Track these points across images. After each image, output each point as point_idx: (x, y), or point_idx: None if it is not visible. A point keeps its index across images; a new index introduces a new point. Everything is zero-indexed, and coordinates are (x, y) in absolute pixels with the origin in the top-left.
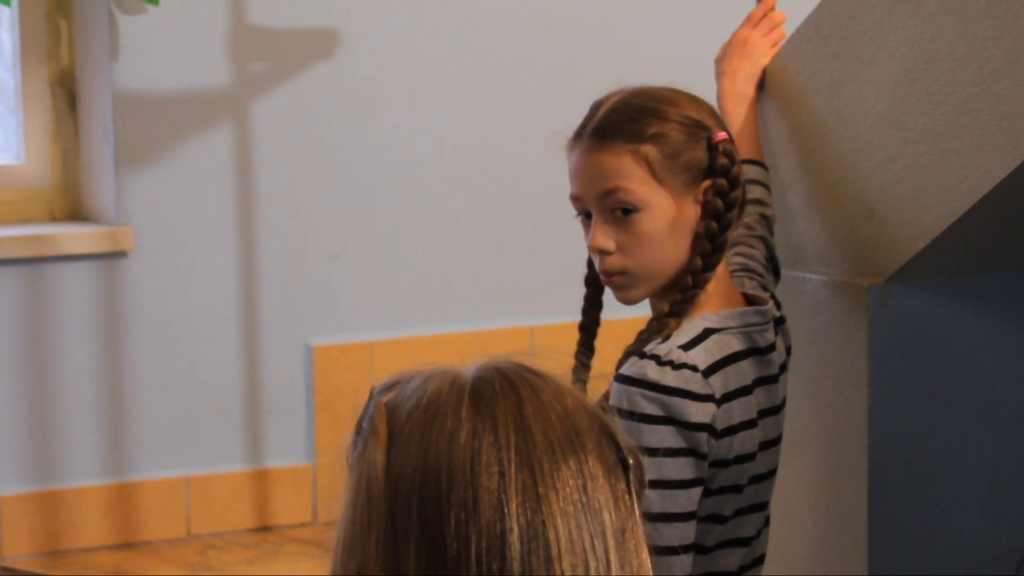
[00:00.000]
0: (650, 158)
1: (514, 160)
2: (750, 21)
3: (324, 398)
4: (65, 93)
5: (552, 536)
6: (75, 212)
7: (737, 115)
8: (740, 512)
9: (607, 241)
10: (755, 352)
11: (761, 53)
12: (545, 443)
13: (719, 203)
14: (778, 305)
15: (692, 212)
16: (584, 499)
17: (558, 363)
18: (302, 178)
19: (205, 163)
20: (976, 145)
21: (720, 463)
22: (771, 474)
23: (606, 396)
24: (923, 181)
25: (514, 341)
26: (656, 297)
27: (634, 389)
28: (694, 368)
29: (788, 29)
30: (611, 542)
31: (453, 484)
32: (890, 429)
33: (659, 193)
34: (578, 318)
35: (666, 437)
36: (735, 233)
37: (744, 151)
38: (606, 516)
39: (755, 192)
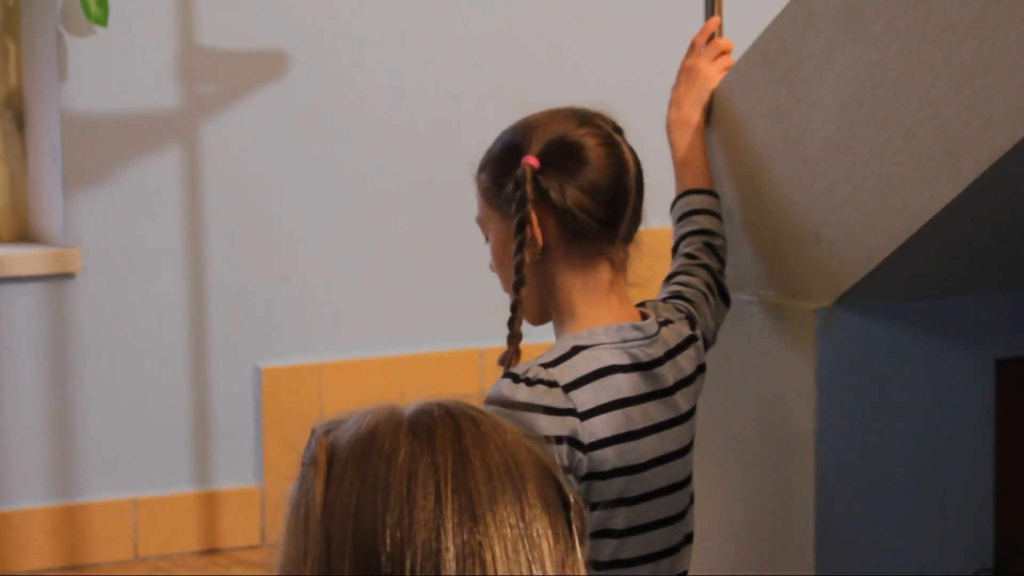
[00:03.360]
0: (481, 185)
1: (462, 183)
2: (694, 48)
3: (273, 420)
4: (13, 114)
5: (488, 557)
6: (23, 233)
7: (681, 143)
8: (640, 528)
9: (490, 261)
10: (637, 367)
11: (707, 78)
12: (483, 469)
13: (512, 224)
14: (692, 325)
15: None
16: (522, 524)
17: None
18: (251, 200)
19: (154, 185)
20: (922, 170)
21: (596, 475)
22: (675, 488)
23: None
24: (869, 205)
25: (463, 363)
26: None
27: (490, 407)
28: (552, 383)
29: (736, 53)
30: (550, 571)
31: (389, 503)
32: (837, 452)
33: (493, 218)
34: (526, 342)
35: None
36: (677, 264)
37: (691, 179)
38: (545, 545)
39: (702, 222)
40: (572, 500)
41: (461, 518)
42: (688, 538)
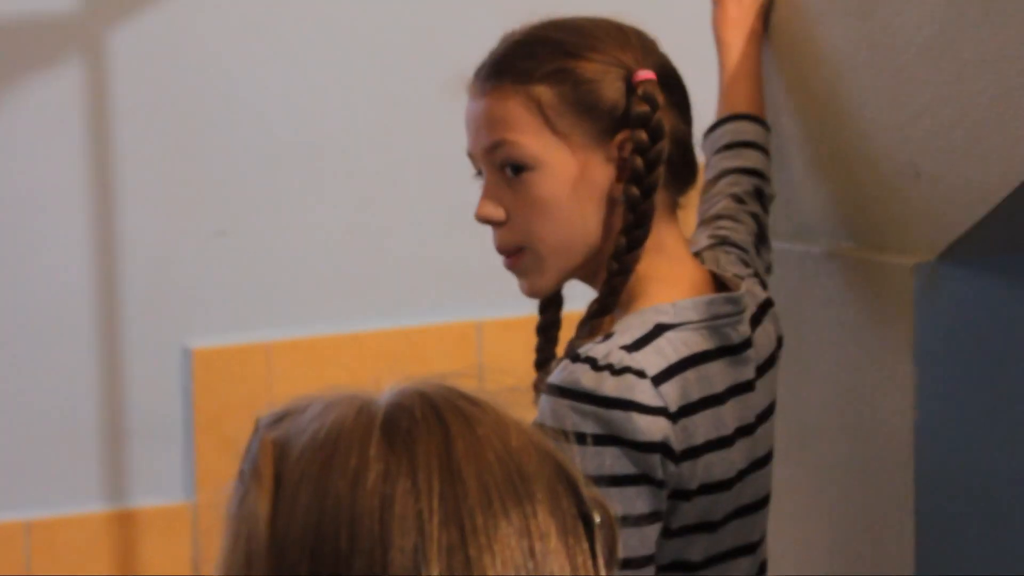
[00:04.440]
0: (544, 102)
1: (450, 112)
2: None
3: (207, 417)
4: None
5: None
6: None
7: (735, 47)
8: (718, 558)
9: (494, 209)
10: (727, 352)
11: None
12: (480, 491)
13: (638, 161)
14: (763, 284)
15: (604, 172)
16: (531, 564)
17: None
18: (176, 133)
19: (50, 110)
20: None
21: (680, 495)
22: (759, 506)
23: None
24: (983, 129)
25: (455, 341)
26: (590, 285)
27: (564, 401)
28: (640, 373)
29: None
30: None
31: (356, 542)
32: (941, 446)
33: (556, 147)
34: (535, 311)
35: (608, 461)
36: (720, 205)
37: (744, 100)
38: None
39: (751, 159)
40: (597, 518)
41: (451, 560)
42: (763, 568)
